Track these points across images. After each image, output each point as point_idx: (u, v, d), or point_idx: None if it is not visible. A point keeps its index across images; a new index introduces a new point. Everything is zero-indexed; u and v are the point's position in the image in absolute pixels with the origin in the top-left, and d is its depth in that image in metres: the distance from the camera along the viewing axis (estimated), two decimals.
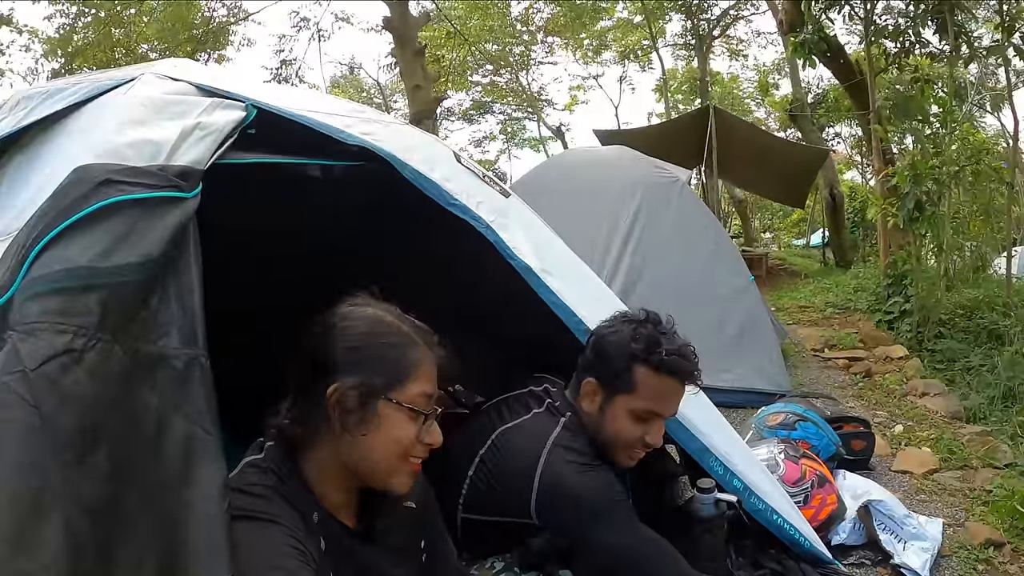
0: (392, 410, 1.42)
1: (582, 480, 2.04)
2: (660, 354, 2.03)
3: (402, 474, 1.48)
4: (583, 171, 6.69)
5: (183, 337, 1.27)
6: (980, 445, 4.38)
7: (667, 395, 2.10)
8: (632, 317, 2.16)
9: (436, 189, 2.12)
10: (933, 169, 7.41)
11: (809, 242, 21.10)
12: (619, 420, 2.11)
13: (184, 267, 1.31)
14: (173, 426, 1.22)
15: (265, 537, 1.29)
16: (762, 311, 6.01)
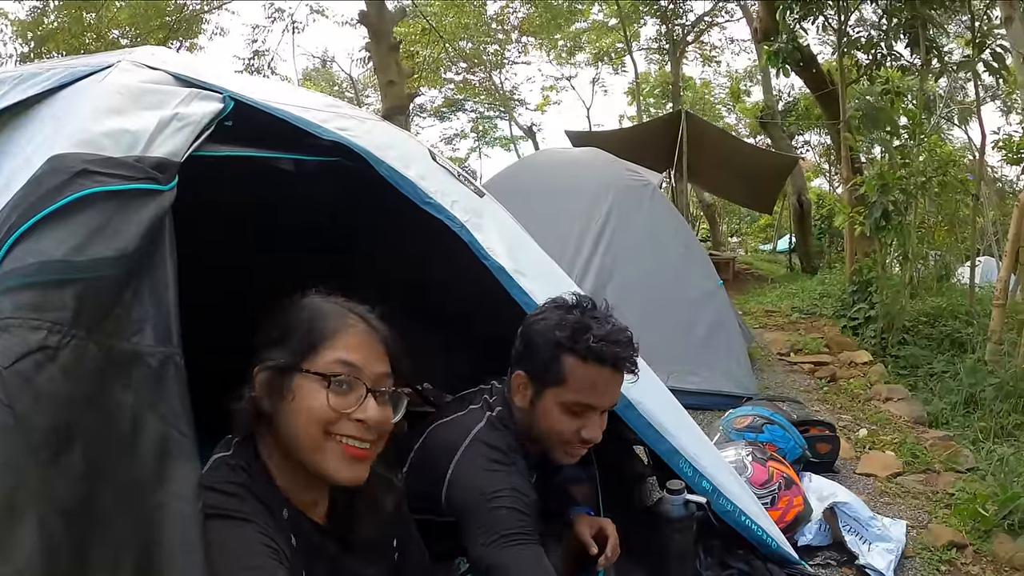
0: (303, 380, 1.37)
1: (487, 478, 1.92)
2: (587, 341, 1.86)
3: (332, 455, 1.38)
4: (556, 172, 6.73)
5: (157, 335, 1.24)
6: (942, 449, 4.45)
7: (599, 385, 1.92)
8: (561, 303, 1.99)
9: (411, 187, 2.11)
10: (901, 179, 7.53)
11: (776, 247, 21.31)
12: (551, 414, 1.95)
13: (159, 262, 1.27)
14: (148, 425, 1.19)
15: (238, 536, 1.27)
16: (730, 315, 6.07)
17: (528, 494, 1.93)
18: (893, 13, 8.49)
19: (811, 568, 3.04)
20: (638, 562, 3.00)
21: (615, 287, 5.57)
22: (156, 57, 1.84)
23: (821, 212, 16.23)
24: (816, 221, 16.13)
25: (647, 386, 2.85)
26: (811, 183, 21.26)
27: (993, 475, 4.03)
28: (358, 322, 1.44)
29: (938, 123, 11.93)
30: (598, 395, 1.93)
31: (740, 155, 12.89)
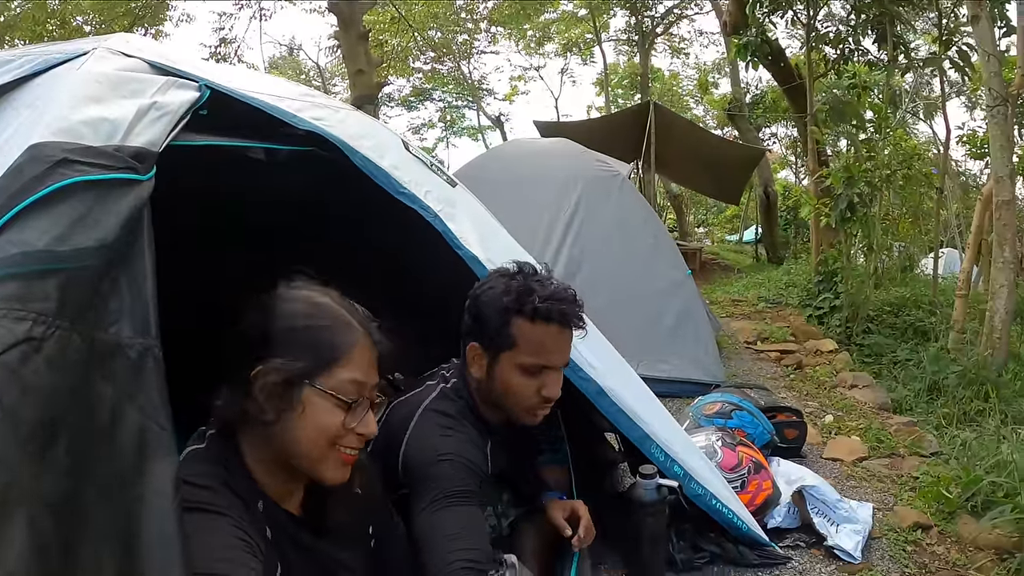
0: (316, 396, 1.37)
1: (434, 442, 1.96)
2: (533, 302, 1.92)
3: (332, 464, 1.42)
4: (525, 162, 6.72)
5: (135, 326, 1.22)
6: (907, 434, 4.53)
7: (550, 344, 1.98)
8: (504, 271, 2.05)
9: (385, 177, 2.13)
10: (866, 172, 7.64)
11: (742, 238, 21.48)
12: (509, 378, 2.00)
13: (137, 254, 1.26)
14: (127, 418, 1.18)
15: (212, 529, 1.26)
16: (698, 304, 6.11)
17: (474, 459, 1.97)
18: (861, 9, 8.60)
19: (781, 550, 3.08)
20: (612, 546, 3.04)
21: (584, 277, 5.58)
22: (131, 45, 1.82)
23: (787, 203, 16.42)
24: (782, 212, 16.29)
25: (620, 375, 2.88)
26: (777, 175, 21.44)
27: (956, 459, 4.11)
28: (364, 336, 1.45)
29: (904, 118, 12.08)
30: (550, 353, 1.98)
31: (707, 146, 12.97)
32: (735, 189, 14.73)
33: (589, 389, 2.57)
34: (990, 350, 5.89)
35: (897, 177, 8.47)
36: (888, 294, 8.49)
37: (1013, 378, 5.71)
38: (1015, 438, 4.01)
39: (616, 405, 2.62)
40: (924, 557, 3.14)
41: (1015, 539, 3.13)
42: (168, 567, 1.13)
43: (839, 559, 3.06)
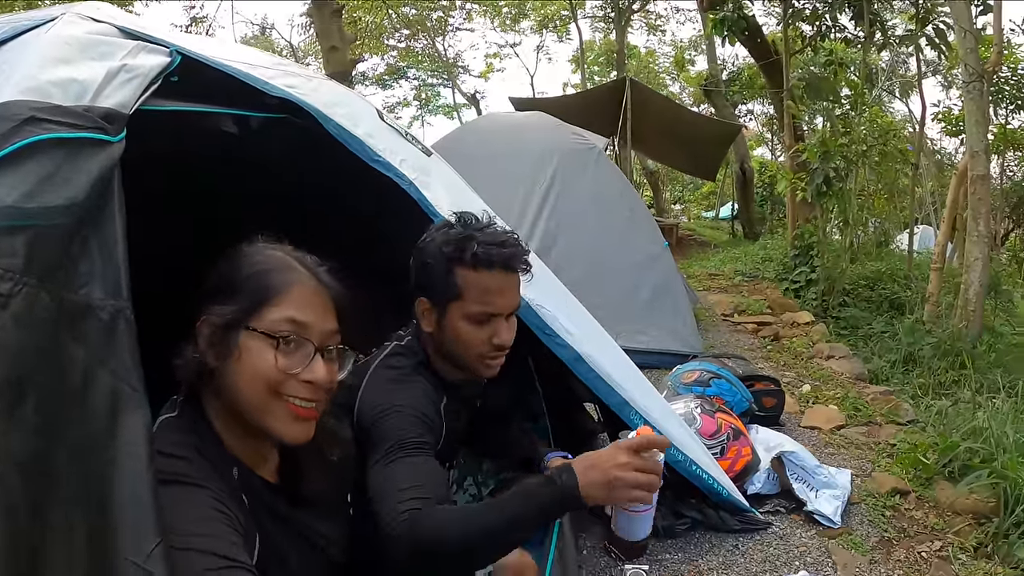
0: (251, 339, 1.31)
1: (384, 395, 1.91)
2: (472, 249, 1.86)
3: (280, 416, 1.33)
4: (500, 135, 6.66)
5: (107, 288, 1.18)
6: (883, 403, 4.54)
7: (495, 290, 1.91)
8: (443, 223, 2.00)
9: (359, 145, 2.09)
10: (842, 147, 7.64)
11: (718, 214, 21.52)
12: (459, 330, 1.93)
13: (108, 216, 1.22)
14: (99, 379, 1.14)
15: (189, 502, 1.21)
16: (675, 276, 6.09)
17: (426, 412, 1.91)
18: None
19: (761, 515, 3.08)
20: (592, 513, 3.03)
21: (560, 250, 5.56)
22: (101, 11, 1.77)
23: (763, 180, 16.45)
24: (758, 189, 16.33)
25: (597, 341, 2.86)
26: (753, 152, 21.44)
27: (933, 426, 4.13)
28: (307, 277, 1.38)
29: (880, 96, 12.14)
30: (496, 300, 1.92)
31: (684, 123, 12.93)
32: (711, 165, 14.72)
33: (566, 355, 2.54)
34: (964, 322, 5.94)
35: (873, 153, 8.48)
36: (864, 268, 8.53)
37: (987, 350, 5.78)
38: (991, 406, 4.03)
39: (594, 371, 2.59)
40: (903, 521, 3.15)
41: (991, 504, 3.15)
42: (141, 531, 1.09)
43: (819, 524, 3.07)
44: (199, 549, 1.15)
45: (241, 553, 1.21)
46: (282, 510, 1.43)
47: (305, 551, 1.47)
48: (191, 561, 1.14)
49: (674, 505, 3.04)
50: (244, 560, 1.20)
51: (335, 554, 1.56)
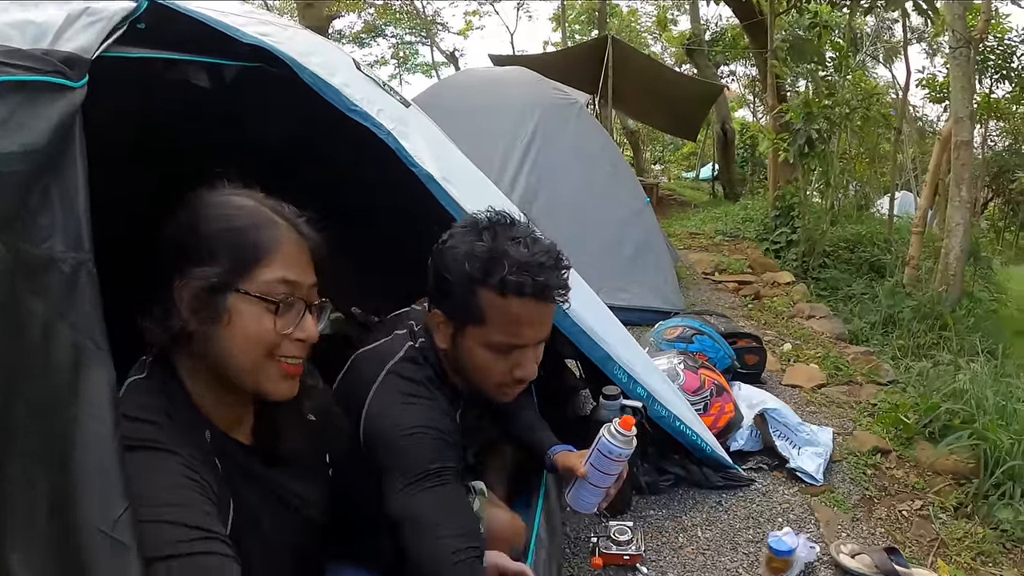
0: (242, 302, 1.24)
1: (401, 413, 1.70)
2: (502, 272, 1.57)
3: (273, 376, 1.30)
4: (480, 90, 6.48)
5: (68, 240, 1.10)
6: (864, 363, 4.54)
7: (524, 320, 1.64)
8: (472, 224, 1.69)
9: (335, 94, 1.99)
10: (826, 108, 7.57)
11: (699, 175, 21.48)
12: (477, 356, 1.70)
13: (69, 164, 1.14)
14: (60, 335, 1.06)
15: (159, 469, 1.15)
16: (657, 233, 6.03)
17: (446, 430, 1.72)
18: None
19: (744, 472, 3.06)
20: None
21: (541, 206, 5.46)
22: None
23: (744, 141, 16.40)
24: (739, 150, 16.28)
25: (581, 295, 2.79)
26: (735, 114, 21.36)
27: (913, 387, 4.13)
28: (290, 230, 1.31)
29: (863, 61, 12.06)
30: (524, 331, 1.66)
31: (666, 82, 12.77)
32: (692, 125, 14.62)
33: None
34: (944, 286, 5.96)
35: (856, 117, 8.44)
36: (844, 231, 8.54)
37: (967, 314, 5.81)
38: (970, 369, 4.03)
39: (577, 326, 2.54)
40: (884, 480, 3.14)
41: (971, 465, 3.16)
42: (107, 497, 1.03)
43: (801, 481, 3.06)
44: (169, 520, 1.10)
45: (214, 523, 1.16)
46: (256, 471, 1.38)
47: (279, 512, 1.42)
48: (161, 533, 1.08)
49: (658, 461, 3.02)
50: (217, 530, 1.15)
51: (312, 514, 1.51)
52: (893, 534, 2.77)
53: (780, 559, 2.40)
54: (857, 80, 9.06)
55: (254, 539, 1.33)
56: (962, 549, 2.72)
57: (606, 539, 2.55)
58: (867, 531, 2.77)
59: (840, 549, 2.56)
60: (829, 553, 2.57)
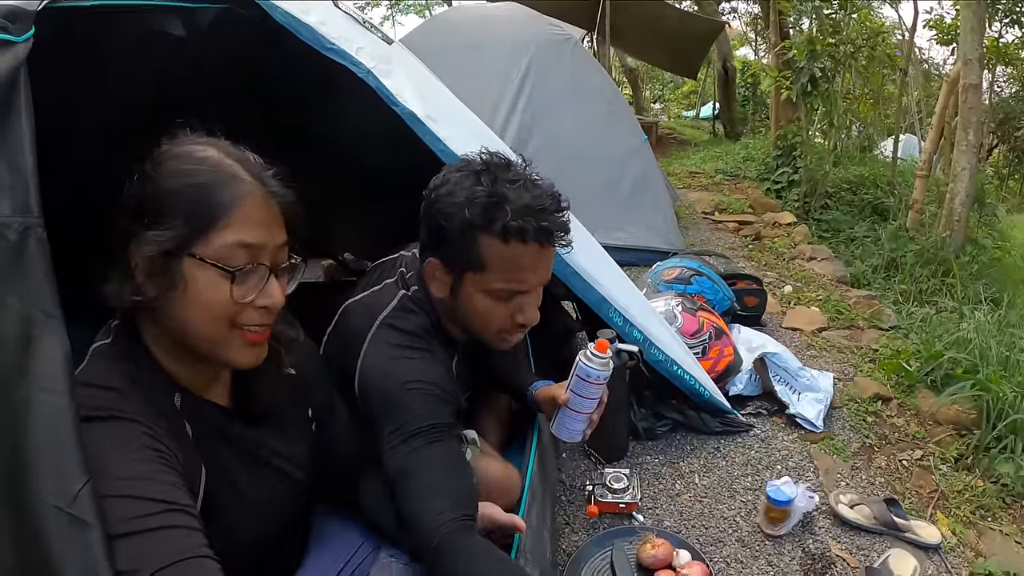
0: (197, 268, 1.14)
1: (395, 365, 1.67)
2: (505, 218, 1.54)
3: (236, 345, 1.21)
4: (471, 27, 6.25)
5: (14, 203, 1.03)
6: (866, 308, 4.46)
7: (526, 265, 1.62)
8: (466, 169, 1.64)
9: (310, 33, 1.90)
10: (830, 46, 7.38)
11: (699, 114, 21.09)
12: (477, 303, 1.67)
13: (14, 121, 1.06)
14: (6, 308, 1.01)
15: (119, 439, 1.08)
16: (655, 171, 5.89)
17: (443, 383, 1.70)
18: None
19: (743, 417, 2.99)
20: None
21: (536, 144, 5.31)
22: None
23: (745, 79, 16.10)
24: (740, 88, 15.97)
25: (576, 237, 2.69)
26: (736, 52, 20.96)
27: (915, 334, 4.05)
28: (254, 186, 1.19)
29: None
30: (526, 276, 1.64)
31: (665, 19, 12.44)
32: (693, 63, 14.28)
33: None
34: (948, 231, 5.86)
35: (861, 56, 8.23)
36: (847, 172, 8.41)
37: (970, 261, 5.71)
38: (974, 317, 3.95)
39: (571, 267, 2.45)
40: (884, 428, 3.08)
41: (973, 416, 3.10)
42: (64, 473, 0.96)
43: (801, 427, 3.00)
44: (132, 495, 1.03)
45: (179, 493, 1.09)
46: (233, 431, 1.33)
47: (259, 471, 1.36)
48: (124, 508, 1.01)
49: (654, 406, 2.95)
50: (182, 501, 1.08)
51: (293, 471, 1.44)
52: (892, 484, 2.72)
53: (778, 509, 2.34)
54: (863, 18, 8.79)
55: (233, 500, 1.28)
56: (962, 502, 2.66)
57: (602, 487, 2.49)
58: (866, 480, 2.72)
59: (839, 499, 2.50)
60: (828, 503, 2.51)
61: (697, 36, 12.48)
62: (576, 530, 2.41)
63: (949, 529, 2.48)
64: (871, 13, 10.79)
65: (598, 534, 2.34)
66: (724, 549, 2.32)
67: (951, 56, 11.66)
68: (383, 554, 1.62)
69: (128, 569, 0.97)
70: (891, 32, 11.35)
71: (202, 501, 1.19)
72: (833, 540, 2.37)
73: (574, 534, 2.40)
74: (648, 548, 2.16)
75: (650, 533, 2.25)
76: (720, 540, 2.36)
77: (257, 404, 1.38)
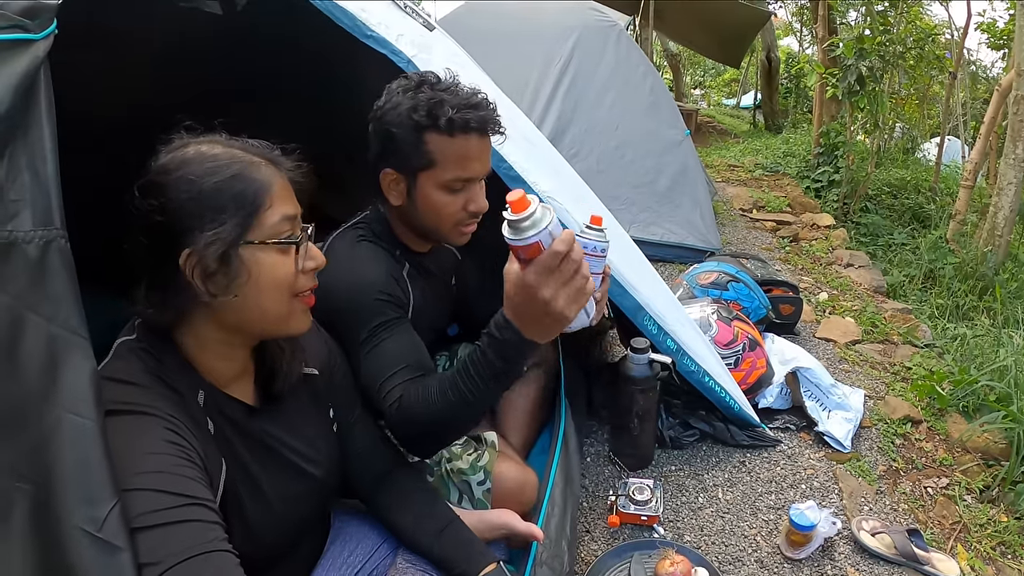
0: (258, 252, 1.22)
1: (345, 263, 1.86)
2: (447, 114, 1.74)
3: (297, 314, 1.31)
4: (515, 12, 6.18)
5: (35, 216, 1.02)
6: (901, 321, 4.41)
7: (471, 154, 1.82)
8: (403, 85, 1.83)
9: (350, 19, 1.93)
10: (880, 45, 7.24)
11: (740, 103, 20.86)
12: (432, 198, 1.86)
13: (35, 126, 1.04)
14: (29, 329, 1.00)
15: (138, 432, 1.11)
16: (697, 166, 5.80)
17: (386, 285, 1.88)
18: None
19: (771, 431, 2.99)
20: (597, 416, 2.95)
21: (576, 133, 5.32)
22: None
23: (790, 71, 15.87)
24: (783, 80, 15.75)
25: (613, 239, 2.68)
26: (780, 42, 20.64)
27: (950, 353, 4.01)
28: (268, 166, 1.26)
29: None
30: (472, 164, 1.84)
31: (710, 5, 12.31)
32: (737, 52, 14.09)
33: None
34: (990, 246, 5.76)
35: (910, 56, 8.07)
36: (888, 174, 8.28)
37: (1010, 278, 5.61)
38: (1011, 342, 3.89)
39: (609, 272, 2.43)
40: (912, 452, 3.07)
41: (1002, 447, 3.06)
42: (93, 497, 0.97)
43: (828, 446, 2.99)
44: (153, 488, 1.06)
45: (197, 487, 1.12)
46: (255, 428, 1.36)
47: (279, 469, 1.41)
48: (145, 501, 1.04)
49: (683, 416, 2.95)
50: (200, 495, 1.11)
51: (313, 470, 1.48)
52: (916, 512, 2.71)
53: (801, 533, 2.35)
54: (914, 17, 8.62)
55: (252, 496, 1.32)
56: (983, 536, 2.64)
57: (625, 497, 2.50)
58: (890, 506, 2.71)
59: (861, 526, 2.50)
60: (849, 528, 2.51)
61: (742, 24, 12.31)
62: (596, 538, 2.44)
63: (968, 564, 2.47)
64: (921, 11, 10.59)
65: (618, 545, 2.36)
66: (743, 569, 2.34)
67: (1001, 60, 11.41)
68: (400, 558, 1.65)
69: (148, 562, 0.99)
70: (941, 31, 11.15)
71: (221, 496, 1.23)
72: (852, 567, 2.37)
73: (593, 542, 2.42)
74: (667, 565, 2.17)
75: (670, 548, 2.26)
76: (739, 559, 2.38)
77: (280, 402, 1.43)
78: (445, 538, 1.64)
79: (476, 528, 1.75)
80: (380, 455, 1.73)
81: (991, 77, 12.08)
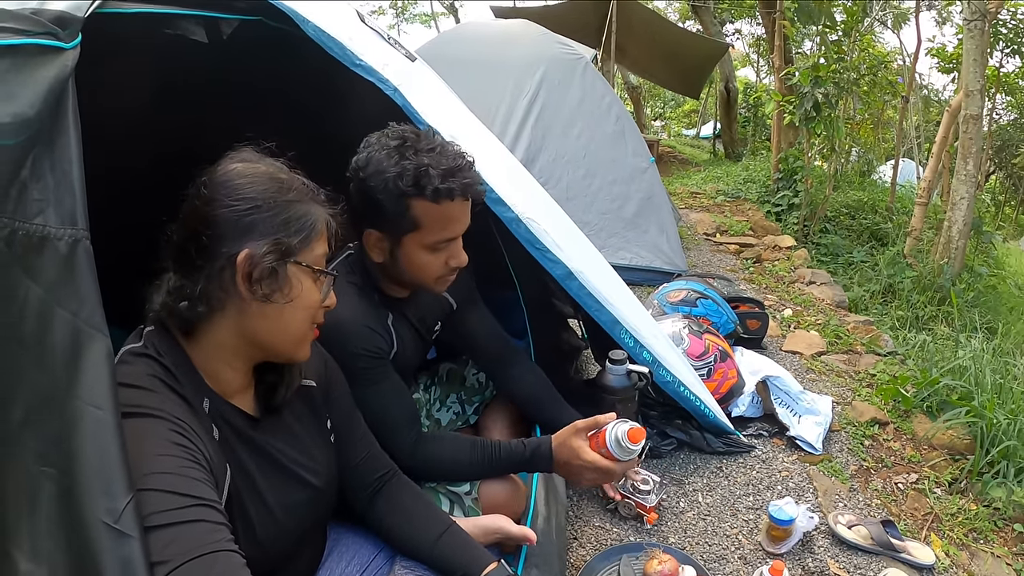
0: (302, 273, 1.31)
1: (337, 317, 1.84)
2: (434, 184, 1.79)
3: (307, 342, 1.40)
4: (483, 44, 6.38)
5: (62, 215, 1.05)
6: (863, 332, 4.56)
7: (454, 217, 1.88)
8: (386, 146, 1.84)
9: (340, 48, 1.98)
10: (835, 73, 7.49)
11: (699, 133, 21.27)
12: (415, 258, 1.93)
13: (61, 131, 1.08)
14: (56, 322, 1.03)
15: (145, 436, 1.13)
16: (661, 192, 5.95)
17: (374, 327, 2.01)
18: None
19: (745, 438, 3.09)
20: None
21: (545, 161, 5.46)
22: None
23: (748, 101, 16.24)
24: (742, 109, 16.12)
25: (588, 257, 2.79)
26: (738, 72, 21.09)
27: (912, 360, 4.15)
28: (321, 208, 1.36)
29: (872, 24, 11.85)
30: (455, 226, 1.91)
31: (670, 38, 12.59)
32: (696, 83, 14.42)
33: (558, 272, 2.47)
34: (945, 259, 5.96)
35: (864, 82, 8.36)
36: (846, 196, 8.52)
37: (966, 288, 5.81)
38: (970, 345, 4.05)
39: (585, 288, 2.53)
40: (881, 452, 3.18)
41: (967, 441, 3.20)
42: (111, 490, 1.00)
43: (801, 449, 3.09)
44: (160, 489, 1.09)
45: (204, 489, 1.15)
46: (257, 439, 1.40)
47: (279, 478, 1.44)
48: (153, 502, 1.06)
49: (660, 425, 3.04)
50: (207, 496, 1.14)
51: (312, 480, 1.52)
52: (889, 506, 2.81)
53: (780, 528, 2.44)
54: (866, 44, 8.91)
55: (254, 503, 1.36)
56: (955, 524, 2.76)
57: (631, 483, 2.61)
58: (863, 502, 2.81)
59: (838, 520, 2.60)
60: (827, 523, 2.61)
61: (701, 56, 12.61)
62: (584, 544, 2.50)
63: (943, 550, 2.58)
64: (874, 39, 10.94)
65: (605, 549, 2.43)
66: (727, 566, 2.42)
67: (951, 83, 11.78)
68: (398, 565, 1.68)
69: (158, 560, 1.01)
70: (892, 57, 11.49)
71: (226, 502, 1.25)
72: (831, 559, 2.46)
73: (581, 548, 2.48)
74: (655, 564, 2.24)
75: (656, 549, 2.33)
76: (723, 557, 2.46)
77: (280, 413, 1.48)
78: (444, 542, 1.67)
79: (471, 533, 1.78)
80: (376, 465, 1.76)
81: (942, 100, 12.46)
